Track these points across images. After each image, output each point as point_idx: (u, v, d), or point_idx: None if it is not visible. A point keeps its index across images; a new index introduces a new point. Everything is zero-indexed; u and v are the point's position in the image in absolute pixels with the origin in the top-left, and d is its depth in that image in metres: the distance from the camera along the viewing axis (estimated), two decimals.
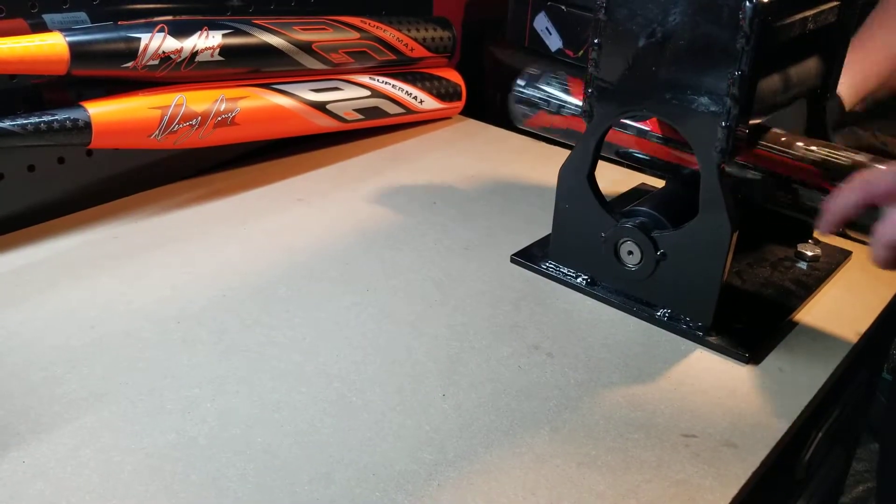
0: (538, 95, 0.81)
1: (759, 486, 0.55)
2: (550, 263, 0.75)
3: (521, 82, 0.83)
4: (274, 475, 0.50)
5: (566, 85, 0.80)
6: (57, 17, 0.76)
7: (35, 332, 0.63)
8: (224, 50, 0.84)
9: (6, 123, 0.70)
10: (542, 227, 0.80)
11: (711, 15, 0.57)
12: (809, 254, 0.77)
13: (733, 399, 0.59)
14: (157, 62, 0.79)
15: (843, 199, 0.56)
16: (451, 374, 0.61)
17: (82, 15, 0.78)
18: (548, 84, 0.81)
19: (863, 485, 1.42)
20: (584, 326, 0.67)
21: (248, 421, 0.55)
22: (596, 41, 0.64)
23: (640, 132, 0.73)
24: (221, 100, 0.84)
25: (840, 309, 0.72)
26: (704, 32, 0.58)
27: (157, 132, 0.80)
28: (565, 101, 0.79)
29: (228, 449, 0.52)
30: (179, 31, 0.80)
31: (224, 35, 0.84)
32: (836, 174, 0.63)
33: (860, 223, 0.58)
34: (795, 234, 0.79)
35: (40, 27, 0.75)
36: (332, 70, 0.96)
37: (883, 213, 0.54)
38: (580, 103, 0.73)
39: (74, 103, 0.75)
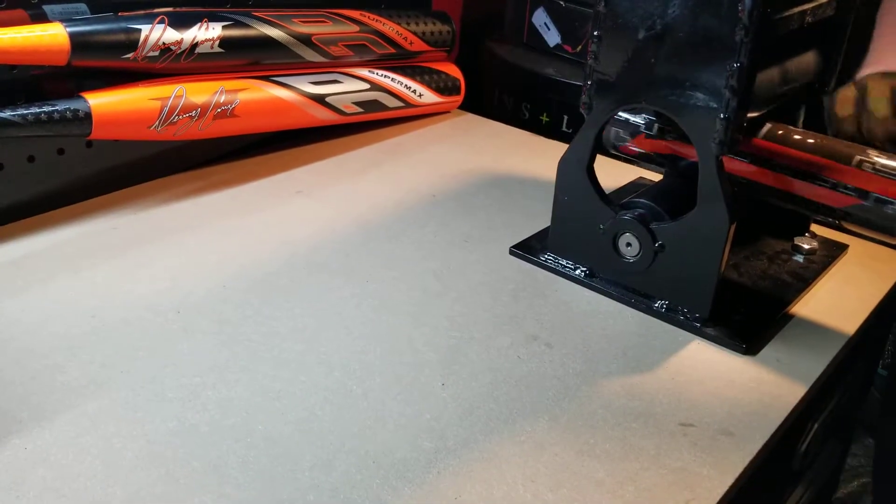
0: (638, 117, 0.73)
1: (756, 475, 0.55)
2: (549, 255, 0.75)
3: None
4: (275, 462, 0.51)
5: None
6: (57, 7, 0.77)
7: (35, 321, 0.63)
8: (224, 42, 0.84)
9: (6, 113, 0.70)
10: (540, 219, 0.81)
11: (711, 7, 0.58)
12: (806, 247, 0.77)
13: (731, 389, 0.60)
14: (157, 53, 0.79)
15: None
16: (450, 364, 0.61)
17: (82, 6, 0.78)
18: None
19: (858, 479, 1.42)
20: (582, 317, 0.68)
21: (249, 409, 0.55)
22: (595, 33, 0.64)
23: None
24: (221, 91, 0.84)
25: (836, 301, 0.72)
26: (704, 24, 0.58)
27: (156, 123, 0.80)
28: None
29: (229, 436, 0.53)
30: (179, 22, 0.80)
31: (224, 27, 0.84)
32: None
33: None
34: (792, 228, 0.79)
35: (41, 18, 0.75)
36: (332, 63, 0.96)
37: None
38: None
39: (75, 94, 0.76)
